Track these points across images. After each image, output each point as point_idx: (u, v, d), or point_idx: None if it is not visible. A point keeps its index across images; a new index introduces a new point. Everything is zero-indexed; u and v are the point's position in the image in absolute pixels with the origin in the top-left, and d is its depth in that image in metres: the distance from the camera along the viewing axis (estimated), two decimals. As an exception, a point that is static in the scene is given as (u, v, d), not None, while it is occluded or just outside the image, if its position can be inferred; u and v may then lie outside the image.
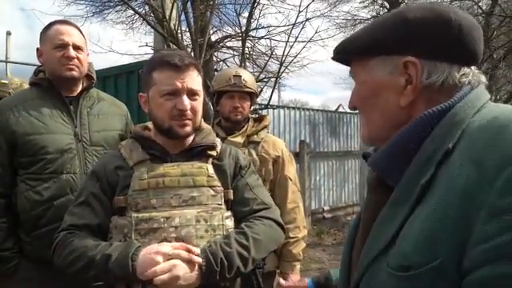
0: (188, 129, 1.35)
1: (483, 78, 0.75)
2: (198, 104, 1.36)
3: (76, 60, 1.81)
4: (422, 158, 0.69)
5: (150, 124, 1.47)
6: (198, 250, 1.24)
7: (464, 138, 0.66)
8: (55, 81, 1.83)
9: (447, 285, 0.60)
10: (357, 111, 0.85)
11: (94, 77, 1.98)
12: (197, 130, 1.41)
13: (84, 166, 1.79)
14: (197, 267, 1.21)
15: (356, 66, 0.82)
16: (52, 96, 1.83)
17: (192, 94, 1.33)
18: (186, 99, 1.31)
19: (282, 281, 2.17)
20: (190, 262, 1.20)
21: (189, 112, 1.33)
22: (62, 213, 1.43)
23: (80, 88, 1.90)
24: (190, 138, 1.41)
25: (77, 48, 1.82)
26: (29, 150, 1.73)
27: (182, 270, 1.18)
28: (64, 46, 1.80)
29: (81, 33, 1.89)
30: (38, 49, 1.86)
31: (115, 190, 1.34)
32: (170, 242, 1.25)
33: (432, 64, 0.72)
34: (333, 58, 0.88)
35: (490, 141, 0.61)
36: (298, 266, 2.23)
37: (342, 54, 0.84)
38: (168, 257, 1.19)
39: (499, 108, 0.69)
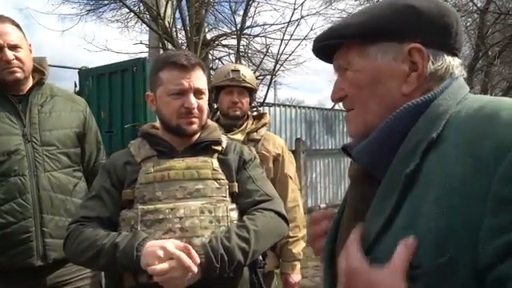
0: (195, 126, 1.40)
1: (463, 71, 0.78)
2: (204, 103, 1.41)
3: (15, 61, 1.69)
4: (406, 149, 0.69)
5: (157, 123, 1.52)
6: (200, 243, 1.26)
7: (450, 128, 0.66)
8: (0, 82, 1.71)
9: (457, 281, 0.58)
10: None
11: (46, 72, 1.86)
12: (203, 127, 1.46)
13: (34, 167, 1.70)
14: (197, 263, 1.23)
15: (349, 53, 0.78)
16: None
17: (198, 93, 1.38)
18: (192, 98, 1.36)
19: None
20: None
21: (196, 110, 1.37)
22: (10, 218, 1.35)
23: (30, 84, 1.78)
24: (196, 135, 1.45)
25: (14, 47, 1.69)
26: None
27: (180, 271, 1.20)
28: None
29: (16, 26, 1.74)
30: None
31: (124, 184, 1.39)
32: (174, 232, 1.29)
33: (434, 52, 0.72)
34: (314, 48, 0.86)
35: (483, 131, 0.61)
36: (298, 265, 2.20)
37: (333, 40, 0.80)
38: (170, 255, 1.20)
39: (483, 99, 0.69)
